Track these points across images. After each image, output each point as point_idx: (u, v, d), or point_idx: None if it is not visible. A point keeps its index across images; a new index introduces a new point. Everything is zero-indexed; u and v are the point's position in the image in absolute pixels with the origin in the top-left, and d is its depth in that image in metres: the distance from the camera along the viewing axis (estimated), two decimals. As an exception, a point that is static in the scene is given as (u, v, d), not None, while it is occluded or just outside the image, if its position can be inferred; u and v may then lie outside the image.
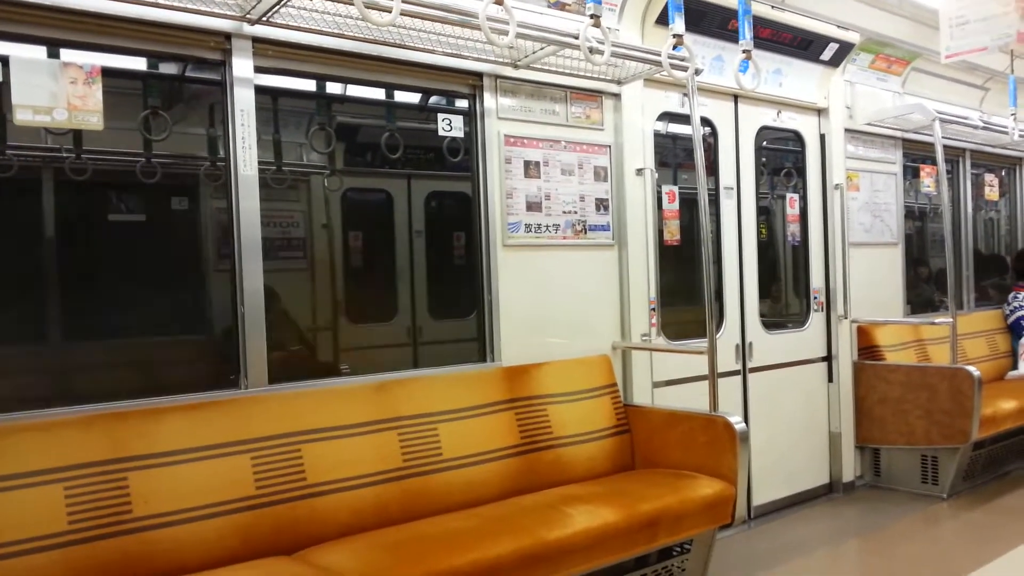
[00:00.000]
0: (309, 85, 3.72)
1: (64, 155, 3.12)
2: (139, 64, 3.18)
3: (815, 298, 5.35)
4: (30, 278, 3.28)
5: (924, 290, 6.71)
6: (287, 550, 2.84)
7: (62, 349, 3.35)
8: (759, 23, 4.26)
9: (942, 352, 5.69)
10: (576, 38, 3.31)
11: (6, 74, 2.64)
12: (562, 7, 3.90)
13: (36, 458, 2.52)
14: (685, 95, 4.34)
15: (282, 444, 2.97)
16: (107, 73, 2.79)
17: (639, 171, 4.26)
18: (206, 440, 2.82)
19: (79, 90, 2.69)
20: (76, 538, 2.48)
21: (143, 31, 2.90)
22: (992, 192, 7.09)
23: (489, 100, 3.78)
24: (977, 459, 5.39)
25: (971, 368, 5.03)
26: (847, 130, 5.51)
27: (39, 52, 2.79)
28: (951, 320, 5.22)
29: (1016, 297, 6.67)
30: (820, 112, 5.37)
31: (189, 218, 3.67)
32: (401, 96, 3.92)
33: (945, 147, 5.53)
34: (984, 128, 5.95)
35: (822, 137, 5.39)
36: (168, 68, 3.28)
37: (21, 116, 2.63)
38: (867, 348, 5.54)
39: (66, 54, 2.80)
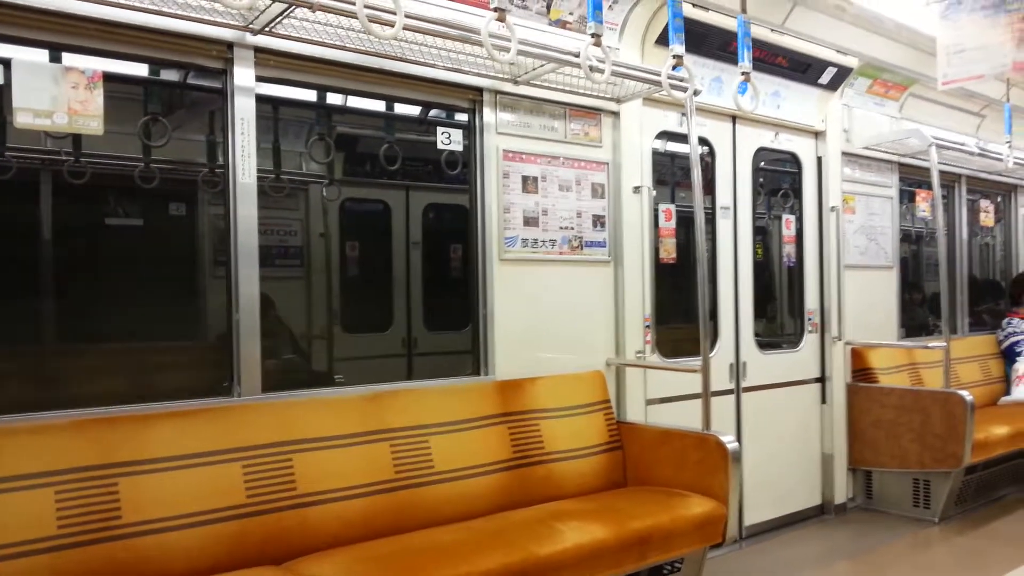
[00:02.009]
0: (310, 95, 3.73)
1: (63, 158, 3.12)
2: (140, 70, 3.19)
3: (810, 319, 5.36)
4: (26, 280, 3.27)
5: (918, 314, 6.72)
6: (275, 560, 2.83)
7: (54, 352, 3.35)
8: (758, 46, 4.30)
9: (935, 376, 5.69)
10: (577, 56, 3.33)
11: (8, 77, 2.65)
12: (563, 25, 3.93)
13: (26, 462, 2.51)
14: (684, 115, 4.36)
15: (273, 453, 2.96)
16: (108, 78, 2.80)
17: (636, 189, 4.28)
18: (198, 447, 2.81)
19: (80, 95, 2.70)
20: (65, 543, 2.47)
21: (146, 38, 2.92)
22: (988, 218, 7.13)
23: (488, 115, 3.80)
24: (969, 484, 5.39)
25: (964, 393, 5.03)
26: (844, 153, 5.54)
27: (41, 56, 2.80)
28: (945, 344, 5.23)
29: (1010, 323, 6.69)
30: (817, 135, 5.40)
31: (186, 224, 3.67)
32: (401, 108, 3.94)
33: (941, 172, 5.57)
34: (980, 155, 5.99)
35: (819, 159, 5.42)
36: (169, 75, 3.29)
37: (22, 119, 2.64)
38: (861, 370, 5.55)
39: (68, 58, 2.82)
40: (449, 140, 3.75)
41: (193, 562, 2.67)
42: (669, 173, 4.88)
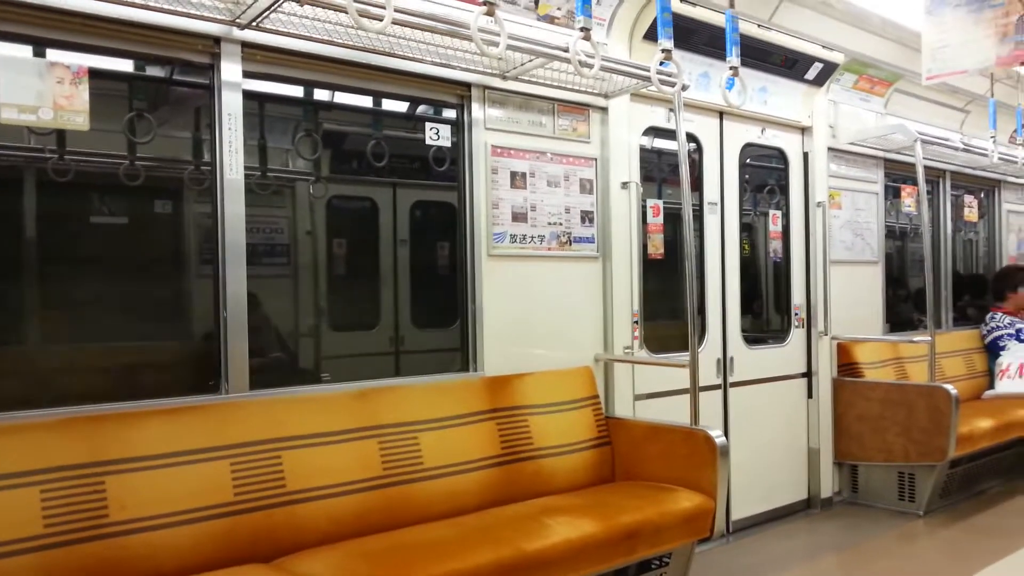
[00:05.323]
0: (297, 91, 3.71)
1: (47, 155, 3.08)
2: (126, 66, 3.16)
3: (796, 314, 5.39)
4: (8, 278, 3.23)
5: (903, 309, 6.77)
6: (264, 558, 2.82)
7: (39, 351, 3.31)
8: (746, 41, 4.30)
9: (920, 370, 5.74)
10: (566, 51, 3.33)
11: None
12: (551, 20, 3.92)
13: (12, 460, 2.48)
14: (671, 110, 4.38)
15: (262, 450, 2.95)
16: (94, 74, 2.77)
17: (624, 184, 4.29)
18: (185, 445, 2.80)
19: (66, 90, 2.67)
20: (52, 542, 2.45)
21: (132, 33, 2.90)
22: (971, 213, 7.18)
23: (477, 110, 3.79)
24: (953, 477, 5.44)
25: (949, 386, 5.07)
26: (830, 149, 5.57)
27: (25, 51, 2.77)
28: (930, 339, 5.27)
29: (994, 317, 6.75)
30: (804, 130, 5.42)
31: (172, 221, 3.63)
32: (389, 104, 3.92)
33: (926, 168, 5.60)
34: (964, 150, 6.04)
35: (805, 155, 5.45)
36: (155, 71, 3.26)
37: (6, 114, 2.61)
38: (847, 365, 5.58)
39: (53, 54, 2.79)
40: (437, 136, 3.74)
41: (182, 560, 2.66)
42: (657, 169, 4.89)
